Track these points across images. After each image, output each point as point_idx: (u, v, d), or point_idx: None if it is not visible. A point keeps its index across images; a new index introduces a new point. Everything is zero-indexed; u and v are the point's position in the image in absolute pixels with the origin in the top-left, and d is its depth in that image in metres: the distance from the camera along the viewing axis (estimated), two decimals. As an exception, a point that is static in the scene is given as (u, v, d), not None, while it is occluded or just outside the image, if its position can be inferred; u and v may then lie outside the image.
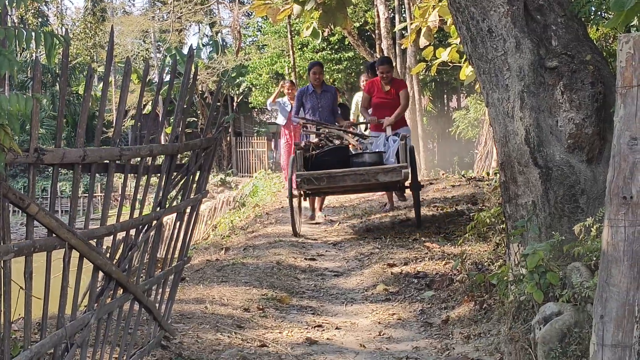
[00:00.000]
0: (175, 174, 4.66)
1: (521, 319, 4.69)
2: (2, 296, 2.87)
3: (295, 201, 10.57)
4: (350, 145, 10.61)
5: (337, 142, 10.50)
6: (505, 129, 5.40)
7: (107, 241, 3.96)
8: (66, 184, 32.28)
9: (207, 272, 8.00)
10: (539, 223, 5.23)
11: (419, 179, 11.09)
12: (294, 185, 9.91)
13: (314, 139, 10.84)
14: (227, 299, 6.83)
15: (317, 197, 11.88)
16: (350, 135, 10.79)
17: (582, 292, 4.26)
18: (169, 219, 5.20)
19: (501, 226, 6.80)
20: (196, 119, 39.91)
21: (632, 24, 4.93)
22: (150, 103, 33.51)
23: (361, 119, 12.72)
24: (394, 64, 11.78)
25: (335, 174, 9.56)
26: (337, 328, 6.28)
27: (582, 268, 4.47)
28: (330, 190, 10.82)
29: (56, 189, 3.28)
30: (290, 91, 14.74)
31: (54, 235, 3.24)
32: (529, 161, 5.27)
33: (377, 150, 10.38)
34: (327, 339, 5.94)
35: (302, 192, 10.46)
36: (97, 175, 3.67)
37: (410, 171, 9.64)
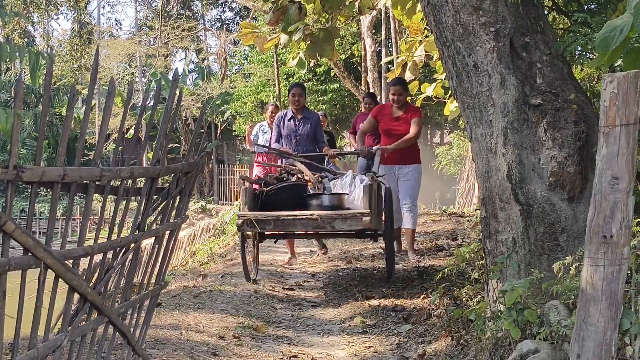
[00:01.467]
0: (155, 197, 4.62)
1: (498, 355, 4.67)
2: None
3: (249, 241, 9.27)
4: (309, 183, 8.78)
5: (295, 178, 8.91)
6: (487, 165, 5.41)
7: (84, 263, 3.91)
8: (45, 206, 32.11)
9: (184, 298, 7.94)
10: (518, 260, 5.23)
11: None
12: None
13: (272, 173, 9.46)
14: (203, 326, 6.77)
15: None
16: (309, 171, 9.01)
17: (559, 331, 4.25)
18: (147, 243, 5.15)
19: (481, 262, 6.78)
20: (179, 145, 39.89)
21: (616, 64, 4.96)
22: (133, 127, 33.47)
23: (349, 148, 11.85)
24: (405, 89, 10.15)
25: (283, 218, 8.01)
26: (312, 359, 6.23)
27: (560, 306, 4.46)
28: (281, 235, 9.45)
29: (34, 207, 3.24)
30: (272, 114, 13.24)
31: (29, 254, 3.19)
32: (511, 197, 5.27)
33: (339, 191, 8.64)
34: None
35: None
36: (76, 197, 3.64)
37: (378, 218, 8.44)
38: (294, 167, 9.10)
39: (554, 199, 5.17)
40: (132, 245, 4.35)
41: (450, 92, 9.45)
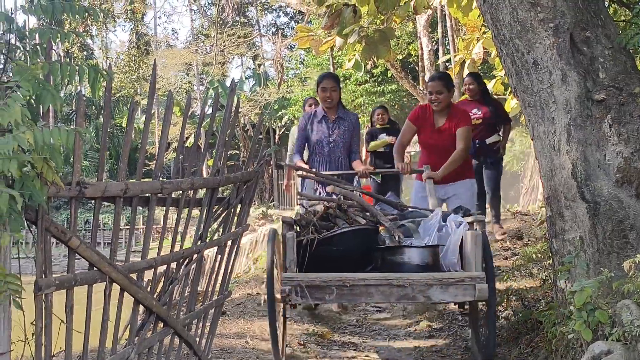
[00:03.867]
0: (216, 207, 4.63)
1: (569, 357, 4.56)
2: (44, 329, 2.85)
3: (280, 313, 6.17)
4: (381, 228, 5.97)
5: (359, 218, 6.00)
6: (551, 163, 5.30)
7: (148, 274, 3.94)
8: (108, 216, 32.56)
9: (248, 307, 7.95)
10: (586, 259, 5.10)
11: None
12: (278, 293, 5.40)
13: (310, 205, 6.47)
14: (268, 334, 6.76)
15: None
16: (376, 210, 6.21)
17: (632, 331, 4.13)
18: (210, 252, 5.16)
19: (548, 262, 6.66)
20: (238, 152, 40.11)
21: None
22: (192, 136, 33.75)
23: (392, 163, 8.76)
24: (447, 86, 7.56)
25: (353, 282, 5.18)
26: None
27: (632, 306, 4.33)
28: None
29: (97, 222, 3.27)
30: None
31: (95, 268, 3.22)
32: (576, 195, 5.15)
33: (427, 240, 5.82)
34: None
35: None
36: (139, 208, 3.66)
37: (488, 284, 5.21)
38: (351, 202, 6.25)
39: (622, 196, 5.03)
40: (195, 255, 4.36)
41: (510, 88, 9.07)
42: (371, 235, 5.87)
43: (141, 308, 3.83)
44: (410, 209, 6.60)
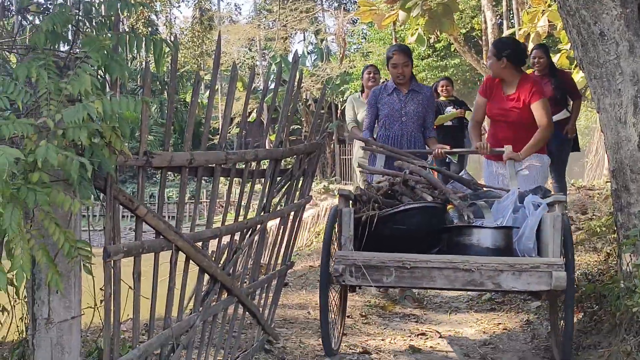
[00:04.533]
0: (279, 179, 4.69)
1: (633, 331, 4.52)
2: (112, 296, 2.93)
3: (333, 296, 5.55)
4: (449, 206, 5.52)
5: (425, 194, 5.48)
6: (617, 135, 5.22)
7: (213, 245, 4.01)
8: (173, 190, 32.98)
9: (310, 278, 8.03)
10: (652, 233, 5.04)
11: None
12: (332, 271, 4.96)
13: (378, 181, 5.95)
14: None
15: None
16: (444, 186, 5.75)
17: (697, 305, 4.09)
18: (273, 225, 5.23)
19: (612, 236, 6.58)
20: (300, 127, 40.23)
21: None
22: (255, 110, 33.98)
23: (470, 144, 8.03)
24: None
25: (414, 264, 4.83)
26: (440, 337, 6.20)
27: (698, 279, 4.28)
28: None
29: (164, 191, 3.34)
30: (372, 82, 9.06)
31: (161, 237, 3.29)
32: (642, 168, 5.08)
33: (500, 222, 5.30)
34: (431, 347, 5.87)
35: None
36: (203, 182, 3.72)
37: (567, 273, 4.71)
38: (418, 177, 5.77)
39: (689, 169, 4.95)
40: (258, 226, 4.42)
41: (575, 62, 8.78)
42: (438, 214, 5.36)
43: (206, 277, 3.91)
44: (484, 189, 6.07)
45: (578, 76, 11.94)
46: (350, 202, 5.31)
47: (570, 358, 4.86)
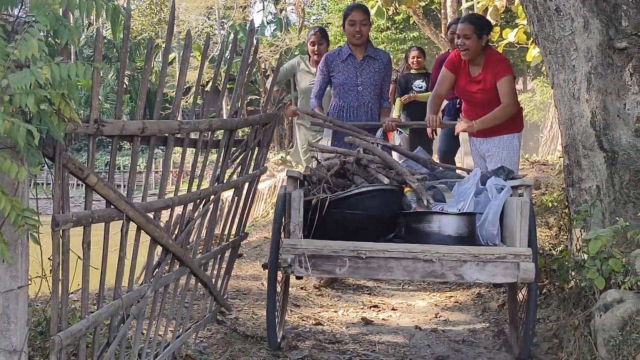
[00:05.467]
0: (234, 149, 4.65)
1: (581, 305, 4.59)
2: (61, 265, 2.89)
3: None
4: (406, 189, 5.08)
5: (381, 176, 5.13)
6: (570, 111, 5.27)
7: (165, 216, 3.97)
8: (127, 159, 32.70)
9: (265, 250, 8.02)
10: (602, 208, 5.10)
11: None
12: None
13: (327, 160, 5.57)
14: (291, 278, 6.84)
15: None
16: (401, 167, 5.29)
17: (645, 280, 4.15)
18: (228, 196, 5.20)
19: (564, 211, 6.66)
20: (258, 97, 40.03)
21: None
22: (211, 79, 33.80)
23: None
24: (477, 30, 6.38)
25: (370, 254, 4.49)
26: (393, 309, 6.25)
27: (646, 255, 4.34)
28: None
29: (115, 160, 3.29)
30: (316, 50, 8.05)
31: (112, 206, 3.25)
32: (594, 144, 5.13)
33: (461, 206, 4.98)
34: (383, 319, 5.92)
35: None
36: (157, 151, 3.68)
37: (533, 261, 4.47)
38: (372, 156, 5.42)
39: (640, 146, 5.00)
40: (212, 197, 4.39)
41: (532, 37, 8.71)
42: (395, 198, 5.01)
43: (159, 248, 3.87)
44: (442, 169, 5.73)
45: (534, 52, 12.02)
46: (299, 183, 4.92)
47: (528, 355, 4.66)
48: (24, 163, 2.53)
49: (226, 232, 5.01)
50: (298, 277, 5.68)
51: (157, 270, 3.82)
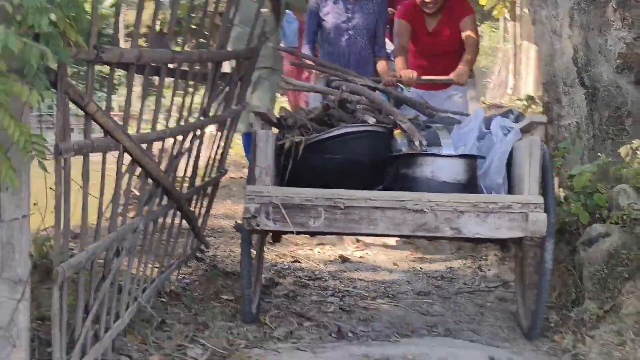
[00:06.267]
0: (219, 82, 4.57)
1: (565, 240, 4.62)
2: (63, 194, 2.80)
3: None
4: (396, 131, 4.56)
5: (367, 116, 4.47)
6: (551, 48, 5.27)
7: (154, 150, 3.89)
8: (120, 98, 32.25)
9: (234, 189, 7.98)
10: (582, 145, 5.14)
11: None
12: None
13: (314, 102, 5.48)
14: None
15: None
16: (390, 107, 4.76)
17: (630, 214, 4.19)
18: (209, 132, 5.13)
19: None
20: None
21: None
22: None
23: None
24: None
25: (350, 203, 3.84)
26: (367, 247, 6.26)
27: (629, 190, 4.38)
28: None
29: (112, 88, 3.20)
30: None
31: (109, 136, 3.16)
32: (575, 81, 5.15)
33: (461, 150, 4.32)
34: (360, 257, 5.93)
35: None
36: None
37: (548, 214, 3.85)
38: (359, 97, 4.75)
39: (621, 82, 5.03)
40: (199, 131, 4.33)
41: None
42: (383, 141, 4.37)
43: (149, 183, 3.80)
44: (442, 114, 5.02)
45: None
46: (271, 125, 4.36)
47: (539, 331, 4.01)
48: (32, 87, 2.43)
49: (208, 169, 4.94)
50: (275, 239, 4.93)
51: (148, 203, 3.75)
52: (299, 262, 5.62)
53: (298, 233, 4.20)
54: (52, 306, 2.77)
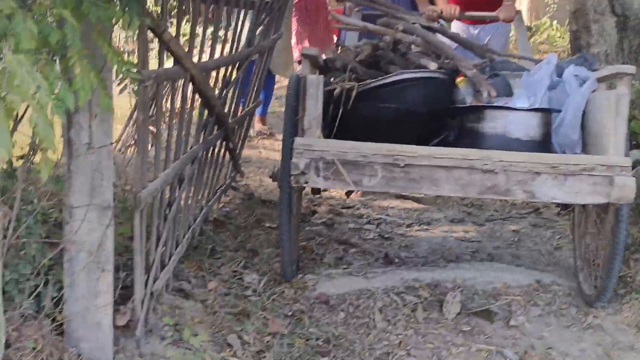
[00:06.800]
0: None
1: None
2: (141, 120, 2.84)
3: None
4: (459, 79, 3.91)
5: (426, 60, 3.95)
6: (583, -25, 5.28)
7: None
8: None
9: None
10: (612, 72, 5.17)
11: None
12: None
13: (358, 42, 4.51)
14: (277, 146, 6.85)
15: None
16: (451, 50, 4.14)
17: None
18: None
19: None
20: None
21: None
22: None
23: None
24: None
25: (411, 160, 3.41)
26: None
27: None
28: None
29: (181, 19, 3.22)
30: None
31: (179, 65, 3.18)
32: (606, 9, 5.17)
33: (531, 103, 3.80)
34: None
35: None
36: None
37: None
38: (412, 37, 4.15)
39: (652, 10, 5.05)
40: (246, 62, 4.36)
41: None
42: (444, 90, 3.87)
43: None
44: (501, 58, 4.36)
45: None
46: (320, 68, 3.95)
47: (607, 299, 3.66)
48: (129, 9, 2.44)
49: (247, 99, 4.97)
50: (315, 192, 4.50)
51: (205, 130, 3.80)
52: (328, 191, 5.67)
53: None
54: (133, 232, 2.84)
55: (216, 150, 4.36)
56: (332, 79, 3.81)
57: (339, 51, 4.31)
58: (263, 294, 3.70)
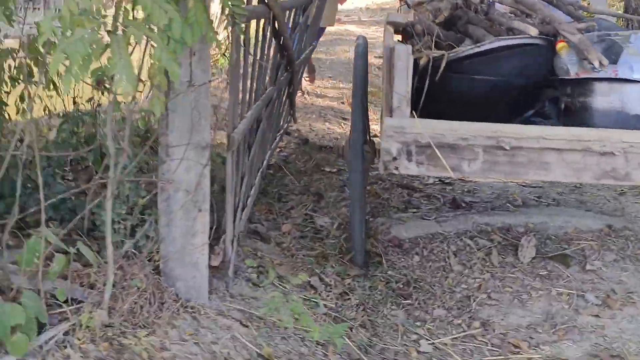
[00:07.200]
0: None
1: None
2: (234, 60, 2.79)
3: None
4: (559, 45, 3.25)
5: (522, 24, 3.40)
6: None
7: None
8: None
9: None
10: None
11: None
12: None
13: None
14: (320, 91, 6.82)
15: None
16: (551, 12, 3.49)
17: None
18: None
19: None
20: None
21: None
22: None
23: None
24: None
25: (518, 143, 2.90)
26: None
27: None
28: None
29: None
30: None
31: (263, 4, 3.14)
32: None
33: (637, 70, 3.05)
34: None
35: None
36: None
37: None
38: None
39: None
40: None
41: None
42: (542, 57, 3.32)
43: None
44: (601, 18, 3.75)
45: None
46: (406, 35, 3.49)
47: None
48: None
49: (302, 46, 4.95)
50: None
51: (278, 71, 3.77)
52: (377, 135, 5.65)
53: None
54: (226, 171, 2.81)
55: (282, 93, 4.33)
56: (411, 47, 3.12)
57: (411, 11, 3.72)
58: (339, 237, 3.68)
